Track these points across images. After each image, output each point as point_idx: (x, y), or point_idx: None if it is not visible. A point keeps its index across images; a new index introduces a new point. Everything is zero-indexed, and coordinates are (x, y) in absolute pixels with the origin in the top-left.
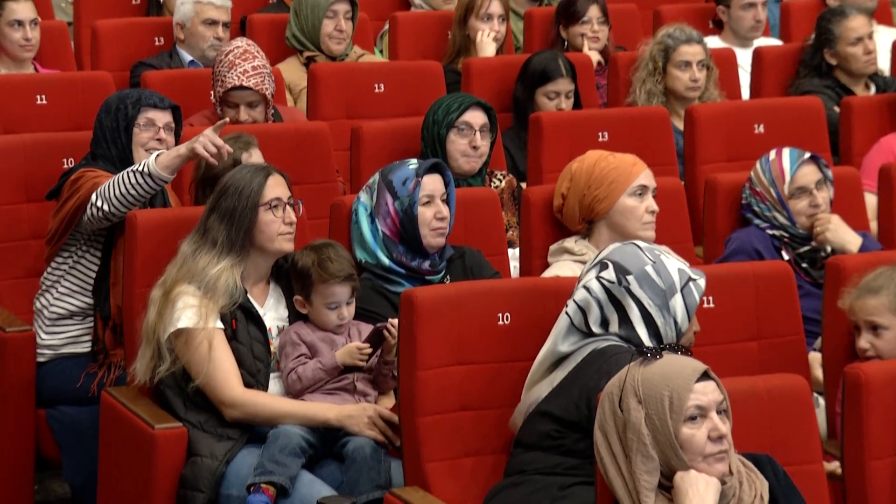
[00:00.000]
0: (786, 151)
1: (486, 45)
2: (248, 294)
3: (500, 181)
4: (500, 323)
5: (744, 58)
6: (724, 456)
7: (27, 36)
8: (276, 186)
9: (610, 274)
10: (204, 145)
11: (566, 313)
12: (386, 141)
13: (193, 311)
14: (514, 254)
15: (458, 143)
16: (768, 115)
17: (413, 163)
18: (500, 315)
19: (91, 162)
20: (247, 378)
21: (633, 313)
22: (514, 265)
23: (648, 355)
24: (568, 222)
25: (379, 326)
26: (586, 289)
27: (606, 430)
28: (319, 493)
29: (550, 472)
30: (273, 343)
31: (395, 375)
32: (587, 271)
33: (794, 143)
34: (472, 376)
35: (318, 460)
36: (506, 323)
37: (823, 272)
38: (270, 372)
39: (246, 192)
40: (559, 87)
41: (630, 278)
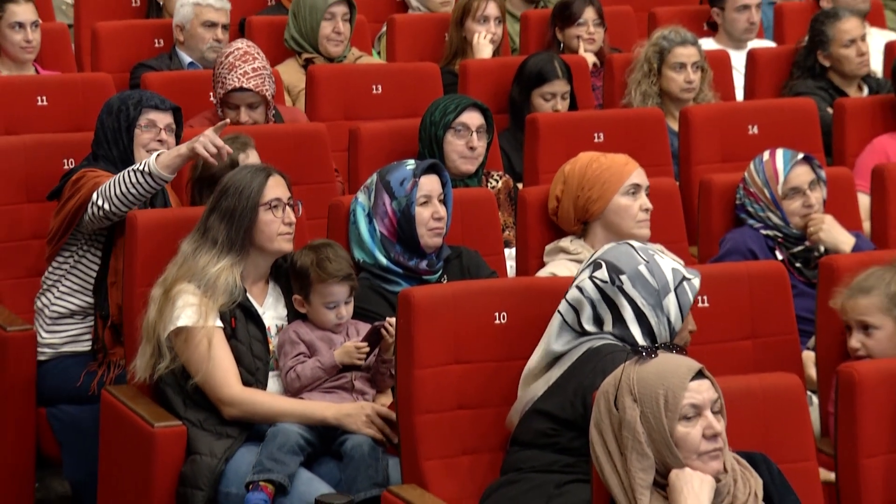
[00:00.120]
0: (779, 152)
1: (483, 46)
2: (248, 293)
3: (497, 182)
4: (497, 322)
5: (738, 59)
6: (719, 454)
7: (28, 38)
8: (276, 187)
9: (603, 273)
10: (204, 145)
11: (559, 312)
12: (384, 142)
13: (193, 309)
14: (510, 253)
15: (455, 143)
16: (762, 116)
17: (410, 163)
18: (497, 314)
19: (92, 162)
20: (246, 376)
21: (627, 312)
22: (511, 265)
23: (643, 354)
24: (563, 224)
25: (377, 325)
26: (579, 288)
27: (602, 429)
28: (318, 490)
29: (546, 470)
30: (272, 342)
31: (393, 374)
32: (581, 271)
33: (787, 144)
34: (469, 375)
35: (317, 458)
36: (502, 322)
37: (817, 272)
38: (269, 370)
39: (246, 193)
40: (555, 88)
41: (623, 278)
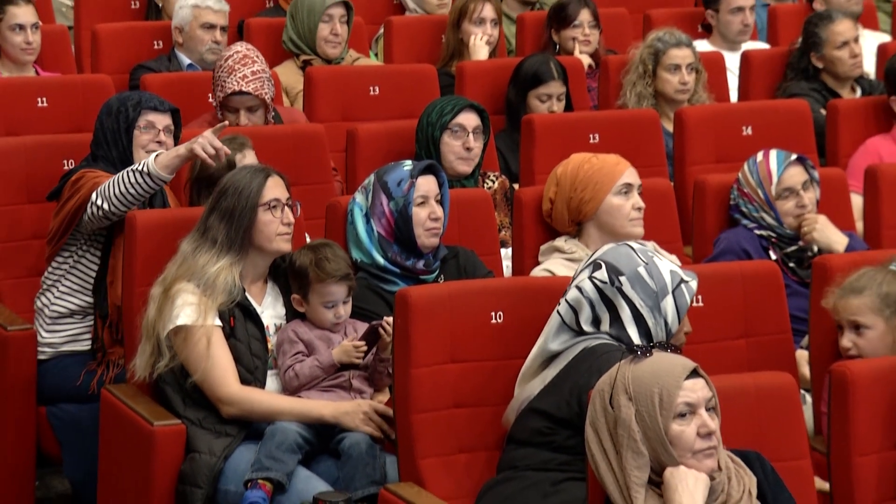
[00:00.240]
0: (773, 153)
1: (479, 48)
2: (247, 292)
3: (493, 182)
4: (493, 321)
5: (732, 61)
6: (713, 452)
7: (28, 39)
8: (275, 187)
9: (602, 274)
10: (202, 146)
11: (558, 312)
12: (381, 143)
13: (192, 308)
14: (506, 253)
15: (451, 144)
16: (756, 117)
17: (408, 164)
18: (493, 314)
19: (91, 163)
20: (244, 375)
21: (625, 313)
22: (507, 265)
23: (639, 353)
24: (558, 225)
25: (374, 325)
26: (578, 288)
27: (597, 427)
28: (316, 488)
29: (542, 468)
30: (270, 341)
31: (391, 373)
32: (580, 271)
33: (781, 145)
34: (466, 374)
35: (315, 456)
36: (499, 322)
37: (810, 272)
38: (268, 369)
39: (245, 193)
40: (551, 89)
41: (622, 279)
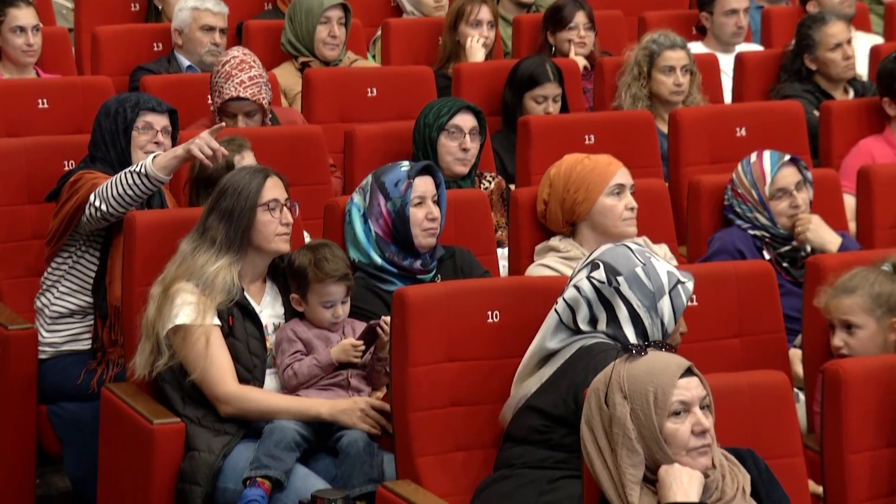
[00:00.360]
0: (766, 154)
1: (476, 50)
2: (245, 292)
3: (490, 183)
4: (490, 321)
5: (726, 63)
6: (708, 450)
7: (29, 42)
8: (274, 188)
9: (601, 274)
10: (200, 148)
11: (555, 311)
12: (378, 144)
13: (191, 307)
14: (503, 253)
15: (448, 145)
16: (750, 118)
17: (405, 165)
18: (490, 313)
19: (90, 164)
20: (243, 373)
21: (622, 313)
22: (503, 264)
23: (634, 352)
24: (552, 226)
25: (372, 324)
26: (576, 288)
27: (593, 425)
28: (314, 486)
29: (538, 466)
30: (269, 339)
31: (388, 372)
32: (578, 271)
33: (774, 146)
34: (463, 373)
35: (313, 454)
36: (495, 321)
37: (803, 271)
38: (267, 368)
39: (245, 193)
40: (547, 91)
41: (620, 279)
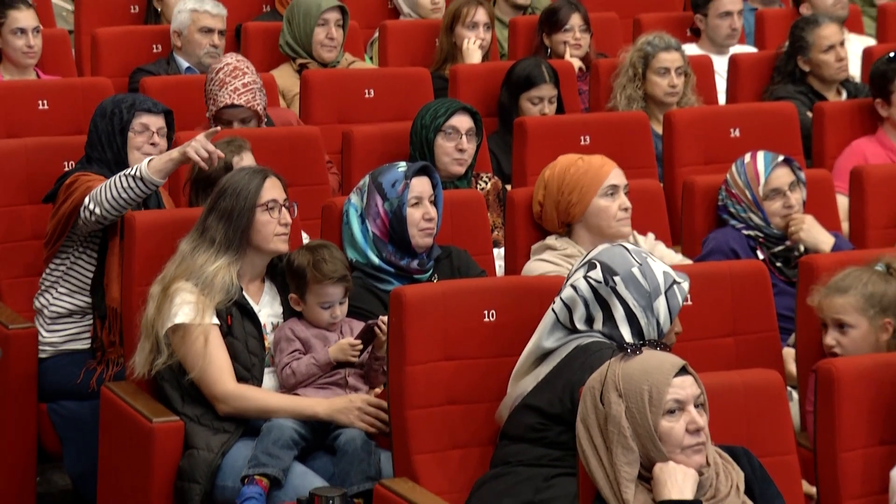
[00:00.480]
0: (760, 155)
1: (472, 52)
2: (244, 291)
3: (486, 183)
4: (486, 320)
5: (720, 64)
6: (702, 448)
7: (30, 43)
8: (273, 189)
9: (597, 274)
10: (196, 150)
11: (552, 310)
12: (376, 144)
13: (190, 307)
14: (499, 253)
15: (445, 146)
16: (744, 119)
17: (402, 165)
18: (486, 312)
19: (86, 165)
20: (241, 372)
21: (618, 312)
22: (500, 264)
23: (629, 351)
24: (548, 226)
25: (370, 323)
26: (573, 287)
27: (588, 423)
28: (311, 484)
29: (535, 464)
30: (268, 339)
31: (385, 370)
32: (575, 270)
33: (768, 147)
34: (460, 371)
35: (311, 452)
36: (491, 320)
37: (797, 271)
38: (265, 367)
39: (244, 194)
40: (542, 92)
41: (617, 279)
